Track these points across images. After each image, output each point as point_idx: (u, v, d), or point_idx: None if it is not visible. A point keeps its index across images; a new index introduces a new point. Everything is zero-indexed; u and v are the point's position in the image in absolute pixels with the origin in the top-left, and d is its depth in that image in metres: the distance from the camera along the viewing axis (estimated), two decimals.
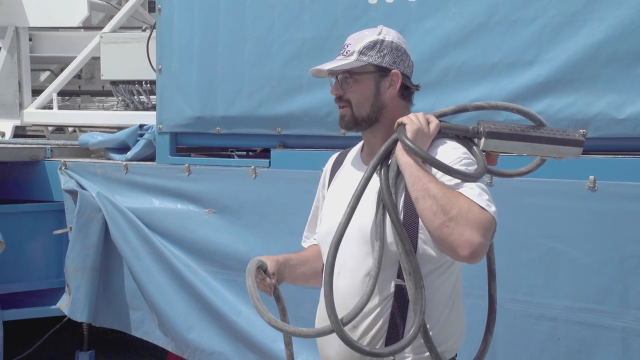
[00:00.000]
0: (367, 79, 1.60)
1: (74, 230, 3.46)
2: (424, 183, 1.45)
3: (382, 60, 1.60)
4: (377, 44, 1.60)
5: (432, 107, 2.75)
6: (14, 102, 4.48)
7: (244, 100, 3.16)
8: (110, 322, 3.61)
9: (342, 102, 1.62)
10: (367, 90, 1.60)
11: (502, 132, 1.56)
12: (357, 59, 1.59)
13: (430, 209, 1.42)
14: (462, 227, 1.38)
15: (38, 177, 3.77)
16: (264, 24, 3.11)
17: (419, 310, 1.47)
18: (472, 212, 1.40)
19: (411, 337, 1.48)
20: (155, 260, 3.36)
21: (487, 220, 1.40)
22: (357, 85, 1.60)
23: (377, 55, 1.60)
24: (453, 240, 1.39)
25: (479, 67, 2.71)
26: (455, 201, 1.41)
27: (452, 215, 1.39)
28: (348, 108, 1.61)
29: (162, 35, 3.41)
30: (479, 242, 1.38)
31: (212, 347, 3.25)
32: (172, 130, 3.40)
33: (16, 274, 3.64)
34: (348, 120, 1.62)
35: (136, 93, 4.16)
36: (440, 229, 1.40)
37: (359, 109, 1.61)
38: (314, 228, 1.86)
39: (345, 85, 1.60)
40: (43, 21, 4.51)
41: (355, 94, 1.60)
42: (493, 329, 1.70)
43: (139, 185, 3.45)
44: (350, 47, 1.61)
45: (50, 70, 5.11)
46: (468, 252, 1.38)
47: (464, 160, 1.52)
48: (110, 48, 4.13)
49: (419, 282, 1.48)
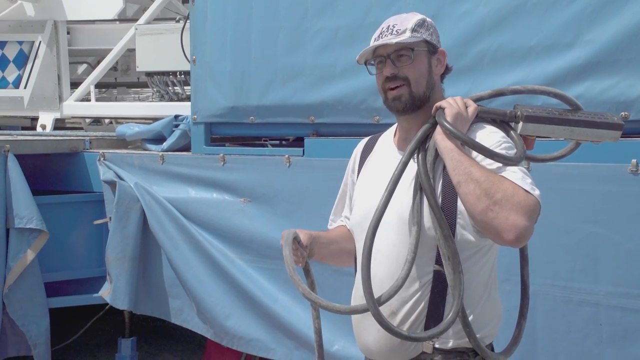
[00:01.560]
0: (422, 54, 1.59)
1: (114, 220, 3.53)
2: (466, 167, 1.44)
3: (432, 37, 1.61)
4: (425, 23, 1.61)
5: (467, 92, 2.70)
6: (54, 95, 4.57)
7: (277, 89, 3.17)
8: (150, 309, 3.68)
9: (398, 81, 1.58)
10: (423, 66, 1.59)
11: (540, 116, 1.54)
12: (411, 35, 1.57)
13: (473, 192, 1.40)
14: (507, 211, 1.37)
15: (78, 168, 3.84)
16: (297, 12, 3.10)
17: (457, 295, 1.47)
18: (517, 195, 1.38)
19: (449, 322, 1.48)
20: (193, 249, 3.41)
21: (532, 204, 1.39)
22: (416, 61, 1.57)
23: (427, 32, 1.60)
24: (498, 224, 1.38)
25: (516, 50, 2.66)
26: (500, 185, 1.39)
27: (497, 198, 1.38)
28: (405, 87, 1.57)
29: (196, 26, 3.43)
30: (524, 225, 1.37)
31: (250, 334, 3.29)
32: (207, 120, 3.43)
33: (60, 263, 3.73)
34: (406, 99, 1.58)
35: (171, 84, 4.20)
36: (484, 213, 1.39)
37: (417, 85, 1.58)
38: (340, 212, 1.87)
39: (400, 63, 1.57)
40: (80, 14, 4.59)
41: (413, 69, 1.57)
42: (527, 314, 1.69)
43: (175, 175, 3.49)
44: (398, 26, 1.58)
45: (87, 63, 5.20)
46: (514, 236, 1.37)
47: (504, 144, 1.51)
48: (145, 40, 4.18)
49: (458, 267, 1.48)
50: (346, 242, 1.79)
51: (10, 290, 3.40)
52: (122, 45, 4.38)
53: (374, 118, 2.92)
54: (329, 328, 2.89)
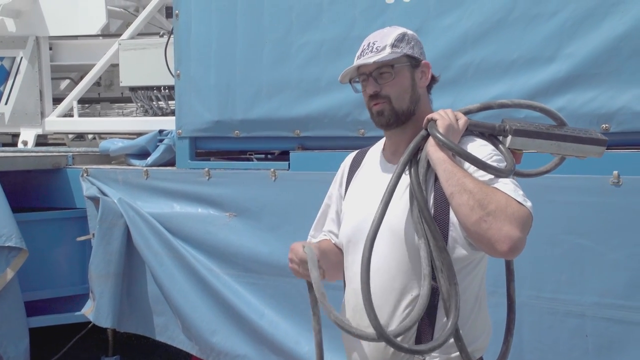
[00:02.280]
0: (404, 70, 1.59)
1: (97, 237, 3.49)
2: (459, 178, 1.44)
3: (413, 51, 1.61)
4: (405, 37, 1.61)
5: (451, 104, 2.73)
6: (36, 111, 4.53)
7: (262, 103, 3.17)
8: (135, 327, 3.63)
9: (380, 99, 1.59)
10: (405, 82, 1.60)
11: (528, 130, 1.56)
12: (391, 51, 1.58)
13: (467, 203, 1.40)
14: (500, 222, 1.37)
15: (60, 184, 3.80)
16: (282, 26, 3.12)
17: (454, 306, 1.46)
18: (510, 206, 1.39)
19: (448, 333, 1.47)
20: (178, 264, 3.37)
21: (525, 215, 1.40)
22: (398, 77, 1.58)
23: (408, 46, 1.60)
24: (492, 235, 1.38)
25: (498, 63, 2.70)
26: (493, 196, 1.40)
27: (490, 210, 1.38)
28: (387, 103, 1.58)
29: (180, 40, 3.43)
30: (518, 236, 1.37)
31: (236, 350, 3.26)
32: (192, 134, 3.42)
33: (41, 281, 3.67)
34: (388, 114, 1.59)
35: (155, 99, 4.19)
36: (478, 224, 1.39)
37: (399, 102, 1.58)
38: (321, 227, 1.85)
39: (382, 80, 1.58)
40: (62, 30, 4.56)
41: (394, 87, 1.58)
42: (513, 330, 1.68)
43: (160, 191, 3.47)
44: (378, 43, 1.59)
45: (70, 79, 5.16)
46: (507, 247, 1.37)
47: (495, 156, 1.52)
48: (129, 55, 4.16)
49: (453, 278, 1.47)
50: (334, 256, 1.77)
51: None
52: (105, 60, 4.37)
53: (359, 131, 2.93)
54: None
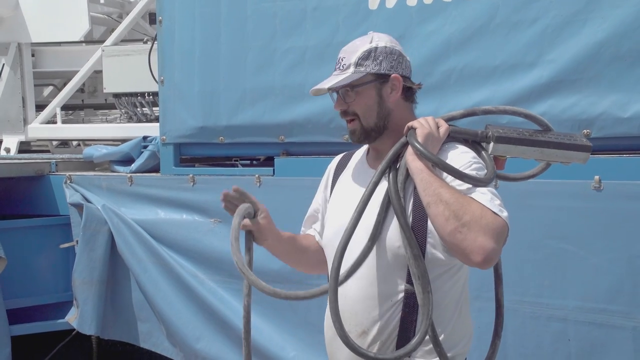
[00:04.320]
0: (368, 89, 1.59)
1: (81, 244, 3.47)
2: (435, 188, 1.44)
3: (380, 67, 1.59)
4: (372, 52, 1.60)
5: (434, 111, 2.76)
6: (18, 118, 4.50)
7: (246, 109, 3.17)
8: (119, 334, 3.61)
9: (349, 116, 1.61)
10: (370, 100, 1.60)
11: (511, 137, 1.55)
12: (354, 71, 1.58)
13: (442, 214, 1.41)
14: (475, 233, 1.37)
15: (44, 191, 3.77)
16: (266, 32, 3.12)
17: (426, 314, 1.46)
18: (485, 217, 1.39)
19: (417, 342, 1.47)
20: (162, 271, 3.36)
21: (500, 226, 1.40)
22: (360, 97, 1.59)
23: (374, 63, 1.59)
24: (466, 246, 1.38)
25: (481, 69, 2.72)
26: (468, 207, 1.40)
27: (465, 220, 1.38)
28: (357, 121, 1.60)
29: (164, 46, 3.43)
30: (492, 247, 1.37)
31: (221, 356, 3.25)
32: (176, 141, 3.41)
33: (24, 289, 3.64)
34: (359, 133, 1.61)
35: (139, 105, 4.17)
36: (452, 235, 1.40)
37: (366, 119, 1.60)
38: (310, 225, 1.86)
39: (348, 99, 1.59)
40: (45, 36, 4.54)
41: (359, 105, 1.59)
42: (501, 334, 1.68)
43: (144, 197, 3.46)
44: (345, 60, 1.60)
45: (53, 85, 5.13)
46: (481, 258, 1.38)
47: (474, 164, 1.51)
48: (112, 61, 4.15)
49: (427, 286, 1.47)
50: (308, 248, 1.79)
51: None
52: (88, 67, 4.35)
53: (343, 137, 2.94)
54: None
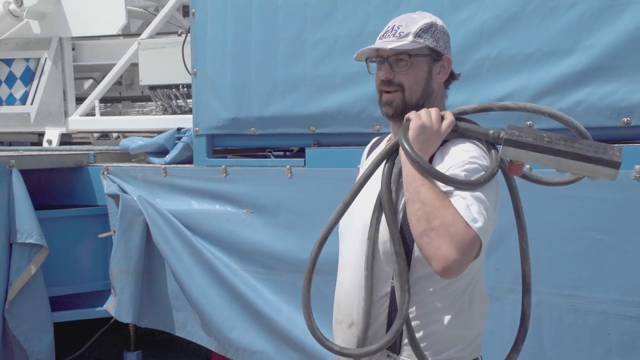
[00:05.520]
0: (422, 62, 1.53)
1: (117, 234, 3.53)
2: (417, 186, 1.38)
3: (437, 44, 1.54)
4: (432, 27, 1.55)
5: (466, 100, 2.70)
6: (60, 111, 4.60)
7: (277, 100, 3.17)
8: (155, 322, 3.67)
9: (393, 87, 1.53)
10: (421, 74, 1.54)
11: (523, 141, 1.39)
12: (413, 40, 1.51)
13: (415, 214, 1.35)
14: (440, 240, 1.31)
15: (82, 182, 3.85)
16: (296, 23, 3.11)
17: (401, 313, 1.41)
18: (454, 225, 1.31)
19: (385, 342, 1.43)
20: (196, 261, 3.40)
21: (469, 237, 1.31)
22: (412, 68, 1.52)
23: (432, 38, 1.54)
24: (428, 251, 1.33)
25: (515, 57, 2.65)
26: (442, 211, 1.33)
27: (434, 225, 1.32)
28: (399, 92, 1.53)
29: (196, 38, 3.45)
30: (454, 258, 1.29)
31: (254, 346, 3.27)
32: (208, 132, 3.44)
33: (65, 277, 3.73)
34: (397, 105, 1.53)
35: (174, 97, 4.22)
36: (420, 237, 1.34)
37: (411, 93, 1.53)
38: None
39: (398, 68, 1.52)
40: (85, 31, 4.62)
41: (409, 76, 1.52)
42: (520, 347, 1.58)
43: (178, 188, 3.50)
44: (402, 28, 1.53)
45: (93, 78, 5.24)
46: (441, 267, 1.31)
47: (467, 165, 1.41)
48: (148, 54, 4.20)
49: (405, 285, 1.41)
50: None
51: (11, 306, 3.40)
52: (125, 59, 4.41)
53: (374, 127, 2.91)
54: None
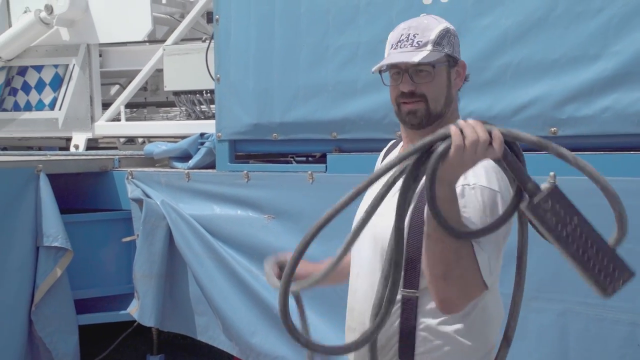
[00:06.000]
0: (442, 70, 1.48)
1: (140, 238, 3.57)
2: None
3: (453, 50, 1.50)
4: (448, 33, 1.50)
5: (489, 107, 2.69)
6: (86, 116, 4.67)
7: (299, 106, 3.18)
8: (177, 326, 3.70)
9: (416, 98, 1.47)
10: (443, 83, 1.49)
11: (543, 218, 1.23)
12: (433, 49, 1.46)
13: (436, 255, 1.30)
14: (453, 289, 1.32)
15: (107, 186, 3.91)
16: (319, 29, 3.12)
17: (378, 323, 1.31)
18: (472, 282, 1.32)
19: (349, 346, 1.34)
20: (218, 266, 3.42)
21: (479, 292, 1.35)
22: (435, 78, 1.47)
23: (449, 45, 1.49)
24: (439, 293, 1.34)
25: (539, 63, 2.62)
26: (464, 262, 1.30)
27: (454, 274, 1.30)
28: (422, 102, 1.47)
29: (220, 44, 3.48)
30: (459, 306, 1.36)
31: (275, 351, 3.27)
32: (231, 137, 3.46)
33: (89, 280, 3.78)
34: (422, 115, 1.47)
35: (197, 102, 4.25)
36: (434, 279, 1.33)
37: (435, 103, 1.48)
38: None
39: (419, 79, 1.46)
40: (111, 37, 4.69)
41: (432, 87, 1.47)
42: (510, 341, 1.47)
43: (201, 193, 3.53)
44: (419, 37, 1.47)
45: (119, 84, 5.31)
46: (443, 309, 1.35)
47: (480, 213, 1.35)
48: (173, 60, 4.25)
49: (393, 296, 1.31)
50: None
51: (38, 308, 3.46)
52: (150, 65, 4.47)
53: (396, 133, 2.88)
54: None
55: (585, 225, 1.24)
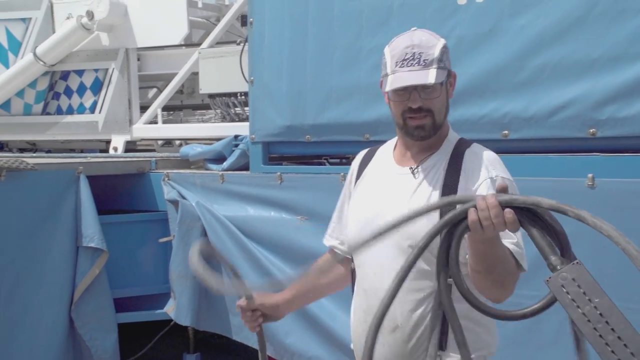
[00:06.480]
0: (444, 85, 1.62)
1: (176, 239, 3.62)
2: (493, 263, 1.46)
3: (449, 64, 1.63)
4: (445, 49, 1.62)
5: (525, 108, 2.64)
6: (125, 119, 4.77)
7: (332, 108, 3.18)
8: (212, 326, 3.74)
9: (423, 112, 1.59)
10: (444, 97, 1.63)
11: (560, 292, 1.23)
12: (438, 67, 1.57)
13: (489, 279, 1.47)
14: (504, 292, 1.50)
15: (144, 188, 3.97)
16: (352, 31, 3.12)
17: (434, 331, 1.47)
18: (516, 275, 1.51)
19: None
20: (252, 266, 3.44)
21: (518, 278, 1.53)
22: (440, 94, 1.60)
23: (447, 60, 1.62)
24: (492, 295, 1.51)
25: (577, 63, 2.56)
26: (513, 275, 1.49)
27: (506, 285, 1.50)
28: (429, 117, 1.60)
29: (254, 47, 3.51)
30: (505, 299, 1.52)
31: (309, 351, 3.28)
32: (264, 139, 3.49)
33: (128, 280, 3.85)
34: (429, 128, 1.60)
35: (232, 105, 4.30)
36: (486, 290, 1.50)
37: (439, 115, 1.61)
38: (337, 229, 1.87)
39: (426, 95, 1.58)
40: (149, 41, 4.78)
41: (437, 102, 1.60)
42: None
43: (235, 194, 3.56)
44: (424, 55, 1.58)
45: (156, 87, 5.41)
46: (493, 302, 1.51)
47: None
48: (208, 63, 4.30)
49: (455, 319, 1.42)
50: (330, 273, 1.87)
51: (77, 306, 3.55)
52: (186, 69, 4.54)
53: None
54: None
55: (609, 307, 1.20)
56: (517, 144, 2.72)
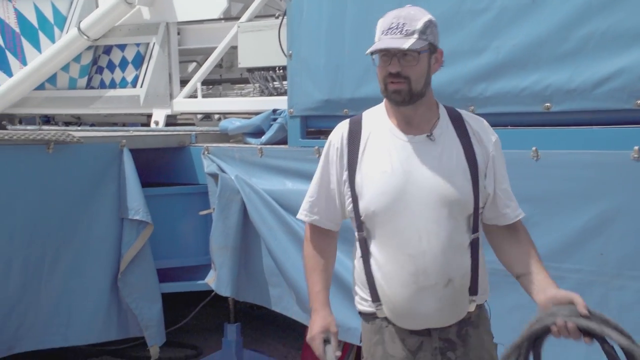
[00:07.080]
0: (425, 56, 1.76)
1: (216, 212, 3.68)
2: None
3: (434, 39, 1.77)
4: (431, 24, 1.76)
5: (569, 79, 2.57)
6: (165, 93, 4.83)
7: (370, 81, 3.13)
8: (252, 297, 3.81)
9: (400, 78, 1.74)
10: (424, 67, 1.77)
11: None
12: (419, 37, 1.72)
13: None
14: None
15: (185, 161, 4.04)
16: (391, 4, 3.03)
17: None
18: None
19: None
20: (291, 239, 3.48)
21: None
22: (419, 63, 1.74)
23: (432, 34, 1.76)
24: None
25: (627, 32, 2.47)
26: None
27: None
28: (404, 83, 1.74)
29: (292, 21, 3.49)
30: None
31: (348, 323, 3.30)
32: (302, 113, 3.49)
33: (170, 251, 3.95)
34: (405, 94, 1.75)
35: (270, 79, 4.30)
36: None
37: (416, 84, 1.75)
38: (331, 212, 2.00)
39: (405, 63, 1.73)
40: (189, 15, 4.80)
41: (415, 70, 1.74)
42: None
43: (273, 168, 3.58)
44: (407, 26, 1.72)
45: (196, 62, 5.45)
46: None
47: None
48: (247, 37, 4.30)
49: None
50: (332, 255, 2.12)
51: (123, 276, 3.67)
52: (225, 43, 4.55)
53: (469, 108, 2.82)
54: None
55: None
56: (560, 117, 2.67)
